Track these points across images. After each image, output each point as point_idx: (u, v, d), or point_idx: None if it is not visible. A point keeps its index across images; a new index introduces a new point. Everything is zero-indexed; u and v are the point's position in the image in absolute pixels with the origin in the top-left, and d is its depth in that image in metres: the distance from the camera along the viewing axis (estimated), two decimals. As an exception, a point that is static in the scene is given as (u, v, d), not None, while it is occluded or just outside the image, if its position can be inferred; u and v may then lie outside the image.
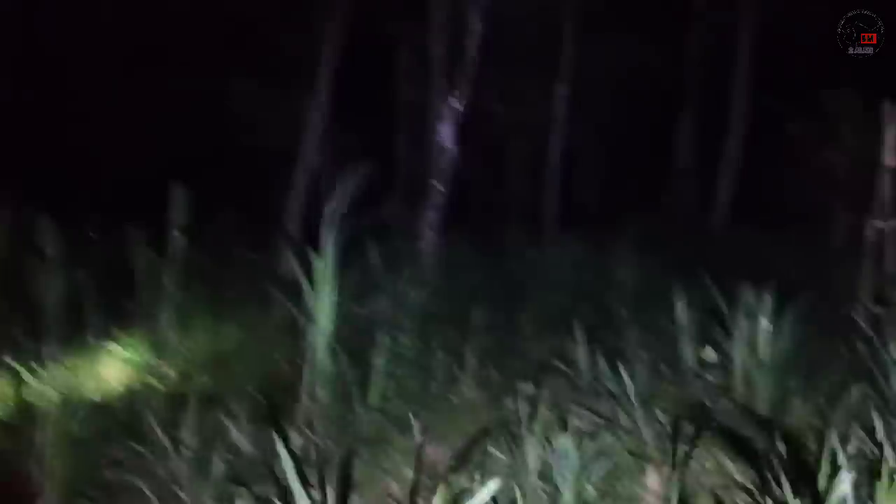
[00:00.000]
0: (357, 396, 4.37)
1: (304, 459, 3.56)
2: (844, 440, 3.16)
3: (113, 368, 5.12)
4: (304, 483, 2.59)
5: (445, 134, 8.74)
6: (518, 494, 3.28)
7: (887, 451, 2.90)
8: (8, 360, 3.95)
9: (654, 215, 12.59)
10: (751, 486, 3.25)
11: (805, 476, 2.90)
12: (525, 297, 7.09)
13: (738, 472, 3.42)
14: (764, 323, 4.12)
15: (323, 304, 3.89)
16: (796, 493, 2.83)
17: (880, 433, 3.12)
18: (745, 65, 11.92)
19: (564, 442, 3.18)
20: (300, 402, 4.04)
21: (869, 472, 2.96)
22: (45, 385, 3.75)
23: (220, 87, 14.05)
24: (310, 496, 2.61)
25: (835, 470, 2.80)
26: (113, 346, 5.18)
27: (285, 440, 2.78)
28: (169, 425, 4.02)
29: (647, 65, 14.33)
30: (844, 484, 2.67)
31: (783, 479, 2.90)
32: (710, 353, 3.61)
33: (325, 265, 3.89)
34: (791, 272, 6.87)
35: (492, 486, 2.56)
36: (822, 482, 2.83)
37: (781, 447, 3.17)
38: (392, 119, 15.83)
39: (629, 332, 4.91)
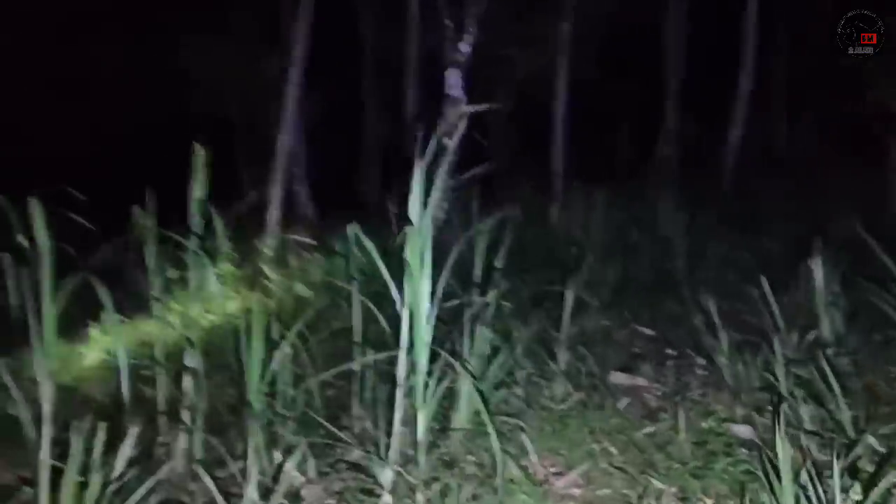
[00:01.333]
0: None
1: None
2: None
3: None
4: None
5: (454, 82, 7.59)
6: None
7: None
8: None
9: (663, 168, 11.70)
10: None
11: None
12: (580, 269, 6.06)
13: None
14: None
15: (422, 294, 2.76)
16: None
17: None
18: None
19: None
20: (389, 429, 2.94)
21: None
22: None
23: (177, 52, 12.51)
24: None
25: None
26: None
27: None
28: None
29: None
30: None
31: None
32: None
33: (421, 240, 2.77)
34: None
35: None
36: None
37: None
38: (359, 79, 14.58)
39: (765, 310, 3.90)
